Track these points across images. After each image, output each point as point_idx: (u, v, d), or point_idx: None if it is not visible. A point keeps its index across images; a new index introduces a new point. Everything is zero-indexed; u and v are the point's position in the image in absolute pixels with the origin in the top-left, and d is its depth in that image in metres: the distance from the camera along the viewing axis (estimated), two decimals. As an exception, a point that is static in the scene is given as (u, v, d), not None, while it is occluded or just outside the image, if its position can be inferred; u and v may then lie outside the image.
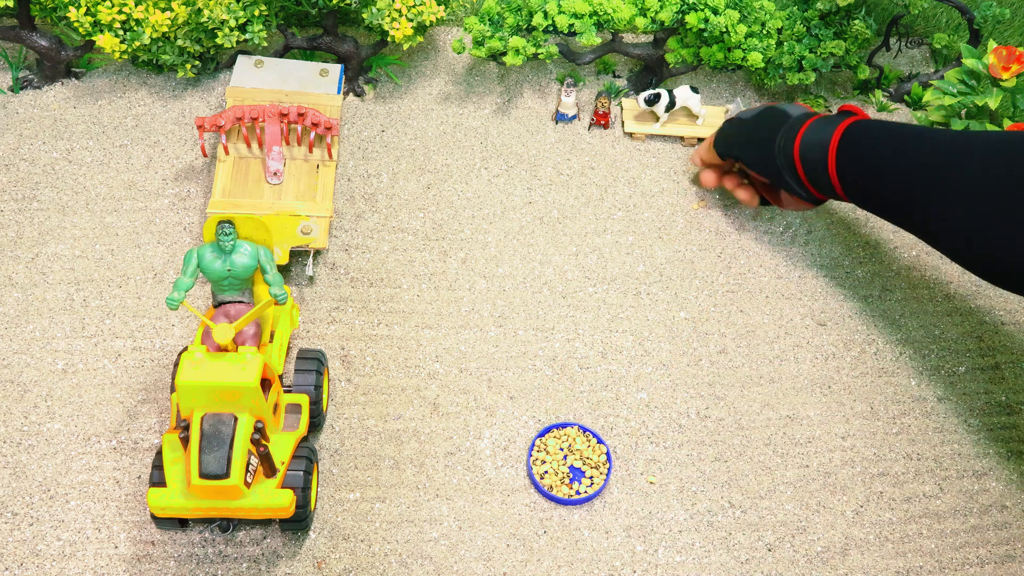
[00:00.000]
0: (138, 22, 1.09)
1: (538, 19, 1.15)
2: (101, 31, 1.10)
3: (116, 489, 0.89)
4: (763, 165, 1.01)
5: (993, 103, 1.10)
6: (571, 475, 0.92)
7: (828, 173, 0.93)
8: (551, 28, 1.16)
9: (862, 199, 0.93)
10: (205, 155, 1.08)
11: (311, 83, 1.12)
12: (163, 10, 1.09)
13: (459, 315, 1.03)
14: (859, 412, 1.01)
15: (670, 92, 1.17)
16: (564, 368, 1.00)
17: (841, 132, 0.93)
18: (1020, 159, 0.79)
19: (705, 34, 1.17)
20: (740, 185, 1.10)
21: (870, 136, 0.91)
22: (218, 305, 0.88)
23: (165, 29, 1.09)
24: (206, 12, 1.07)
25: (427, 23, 1.11)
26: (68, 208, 1.07)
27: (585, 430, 0.95)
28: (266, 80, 1.12)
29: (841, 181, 0.93)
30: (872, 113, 1.28)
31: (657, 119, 1.21)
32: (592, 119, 1.21)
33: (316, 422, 0.90)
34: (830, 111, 1.27)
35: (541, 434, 0.95)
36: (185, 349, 0.81)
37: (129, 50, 1.11)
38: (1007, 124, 1.09)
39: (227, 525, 0.85)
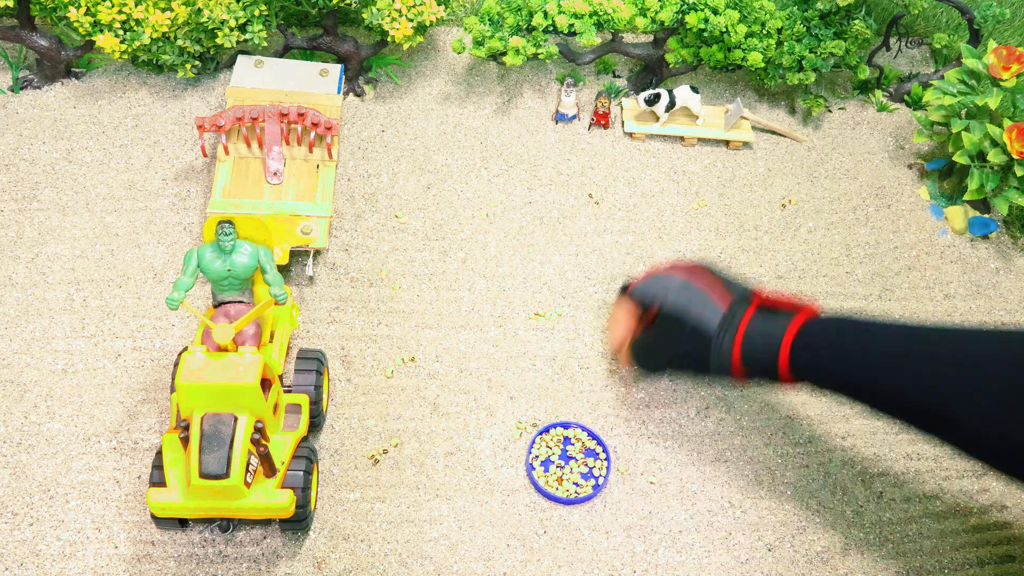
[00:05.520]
0: (138, 22, 1.09)
1: (538, 19, 1.15)
2: (101, 31, 1.10)
3: (116, 489, 0.89)
4: (695, 376, 0.92)
5: (993, 103, 1.10)
6: (571, 474, 0.92)
7: (777, 372, 0.82)
8: (551, 28, 1.16)
9: (832, 391, 0.83)
10: (205, 155, 1.08)
11: (311, 83, 1.12)
12: (163, 10, 1.09)
13: (459, 315, 1.03)
14: (859, 412, 1.01)
15: (670, 92, 1.17)
16: (564, 368, 1.00)
17: (795, 334, 0.81)
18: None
19: (705, 34, 1.17)
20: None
21: (835, 339, 0.80)
22: (218, 305, 0.88)
23: (165, 29, 1.09)
24: (206, 12, 1.07)
25: (427, 23, 1.11)
26: (68, 208, 1.07)
27: (585, 430, 0.95)
28: (266, 80, 1.12)
29: (797, 377, 0.82)
30: (872, 113, 1.28)
31: (657, 119, 1.21)
32: (592, 119, 1.21)
33: (316, 422, 0.90)
34: (829, 111, 1.27)
35: (540, 432, 0.95)
36: (185, 349, 0.81)
37: (129, 50, 1.11)
38: (1007, 124, 1.09)
39: (227, 525, 0.85)
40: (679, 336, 0.85)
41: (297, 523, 0.84)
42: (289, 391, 0.90)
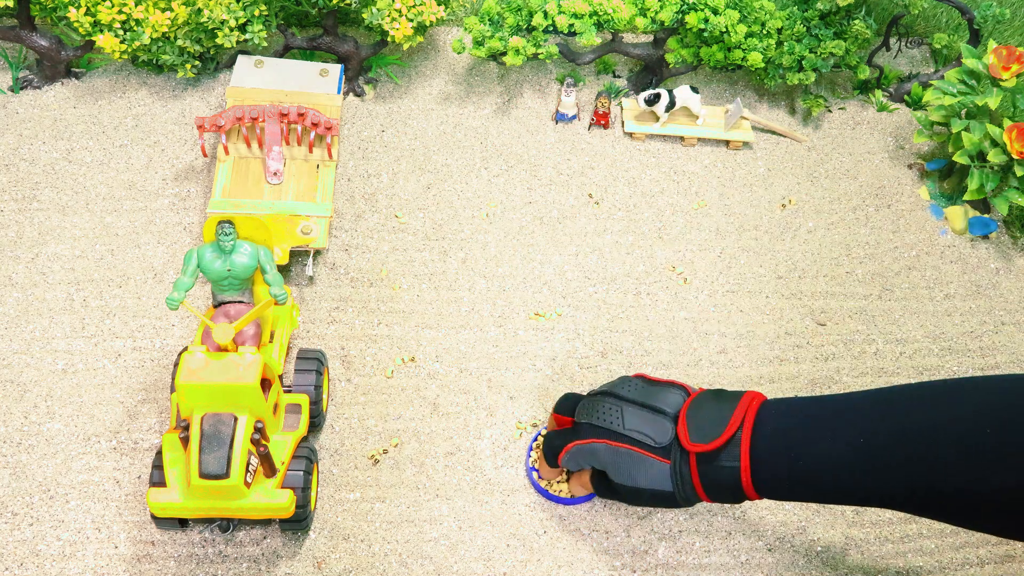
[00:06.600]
0: (138, 22, 1.09)
1: (538, 19, 1.15)
2: (101, 31, 1.10)
3: (116, 489, 0.89)
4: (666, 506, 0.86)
5: (993, 103, 1.10)
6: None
7: (745, 495, 0.78)
8: (551, 28, 1.16)
9: (793, 497, 0.78)
10: (205, 155, 1.08)
11: (311, 83, 1.12)
12: (163, 10, 1.09)
13: (459, 315, 1.03)
14: (859, 412, 1.01)
15: (670, 92, 1.17)
16: (564, 368, 1.00)
17: (748, 467, 0.76)
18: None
19: (705, 34, 1.17)
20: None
21: (788, 468, 0.75)
22: (218, 305, 0.88)
23: (165, 29, 1.09)
24: (206, 12, 1.07)
25: (427, 23, 1.11)
26: (68, 208, 1.07)
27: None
28: (266, 80, 1.12)
29: (763, 496, 0.78)
30: (872, 113, 1.28)
31: (657, 119, 1.21)
32: (592, 119, 1.21)
33: (316, 422, 0.90)
34: (829, 111, 1.27)
35: (540, 432, 0.95)
36: (185, 349, 0.81)
37: (129, 50, 1.11)
38: (1007, 124, 1.09)
39: (227, 525, 0.85)
40: (640, 497, 0.81)
41: (297, 523, 0.84)
42: (289, 391, 0.90)
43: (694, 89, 1.18)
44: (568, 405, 0.88)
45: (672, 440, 0.79)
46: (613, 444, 0.81)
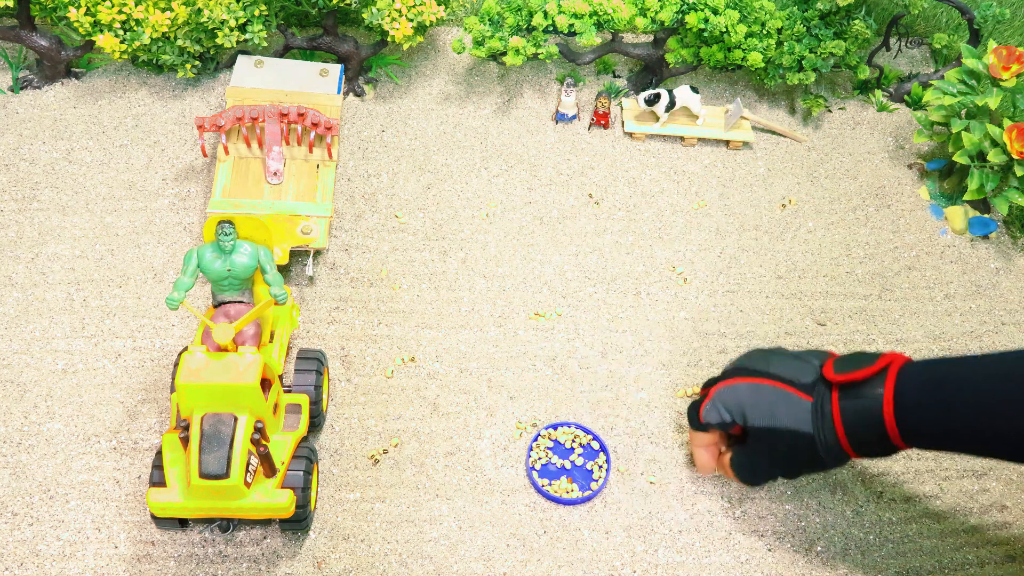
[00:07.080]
0: (138, 22, 1.09)
1: (538, 19, 1.15)
2: (101, 31, 1.10)
3: (116, 489, 0.89)
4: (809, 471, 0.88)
5: (993, 103, 1.10)
6: (570, 475, 0.92)
7: (890, 440, 0.77)
8: (551, 28, 1.16)
9: (940, 446, 0.79)
10: (205, 155, 1.08)
11: (311, 83, 1.12)
12: (163, 10, 1.09)
13: (459, 315, 1.03)
14: (859, 412, 1.01)
15: (670, 92, 1.17)
16: (564, 368, 1.00)
17: (892, 399, 0.76)
18: None
19: (705, 34, 1.17)
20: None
21: (938, 390, 0.75)
22: (218, 305, 0.88)
23: (165, 29, 1.09)
24: (206, 12, 1.07)
25: (427, 23, 1.11)
26: (68, 208, 1.07)
27: (585, 430, 0.95)
28: (266, 80, 1.12)
29: (909, 441, 0.78)
30: (872, 113, 1.28)
31: (657, 119, 1.21)
32: (592, 119, 1.21)
33: (316, 422, 0.90)
34: (829, 111, 1.27)
35: (539, 434, 0.95)
36: (185, 349, 0.81)
37: (129, 50, 1.11)
38: (1007, 124, 1.09)
39: (227, 525, 0.85)
40: (779, 446, 0.81)
41: (297, 523, 0.84)
42: (289, 391, 0.90)
43: (694, 89, 1.18)
44: (712, 380, 0.90)
45: (817, 378, 0.80)
46: (755, 381, 0.82)
